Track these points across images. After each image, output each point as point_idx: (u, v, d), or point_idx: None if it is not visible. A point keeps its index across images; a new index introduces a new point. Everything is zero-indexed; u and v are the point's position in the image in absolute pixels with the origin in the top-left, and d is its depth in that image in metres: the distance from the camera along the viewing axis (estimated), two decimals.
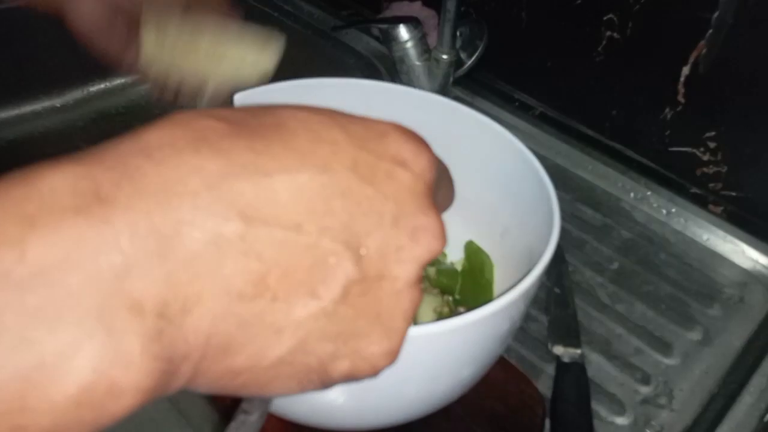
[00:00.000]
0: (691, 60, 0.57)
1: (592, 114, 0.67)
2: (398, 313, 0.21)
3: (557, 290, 0.52)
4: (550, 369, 0.48)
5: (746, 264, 0.57)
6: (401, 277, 0.20)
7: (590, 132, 0.67)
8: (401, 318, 0.21)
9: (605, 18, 0.61)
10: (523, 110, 0.71)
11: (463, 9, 0.67)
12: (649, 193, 0.62)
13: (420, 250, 0.20)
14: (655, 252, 0.58)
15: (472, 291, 0.46)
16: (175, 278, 0.16)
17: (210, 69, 0.46)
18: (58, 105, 0.74)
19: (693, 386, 0.48)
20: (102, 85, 0.76)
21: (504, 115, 0.70)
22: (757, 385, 0.47)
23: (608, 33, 0.61)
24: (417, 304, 0.21)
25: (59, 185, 0.16)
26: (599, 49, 0.63)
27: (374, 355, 0.21)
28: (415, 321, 0.44)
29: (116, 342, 0.15)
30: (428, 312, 0.45)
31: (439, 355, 0.32)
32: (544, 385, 0.46)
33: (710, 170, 0.60)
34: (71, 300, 0.15)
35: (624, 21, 0.60)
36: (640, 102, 0.63)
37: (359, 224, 0.19)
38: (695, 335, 0.52)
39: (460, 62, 0.68)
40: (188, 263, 0.16)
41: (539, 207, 0.38)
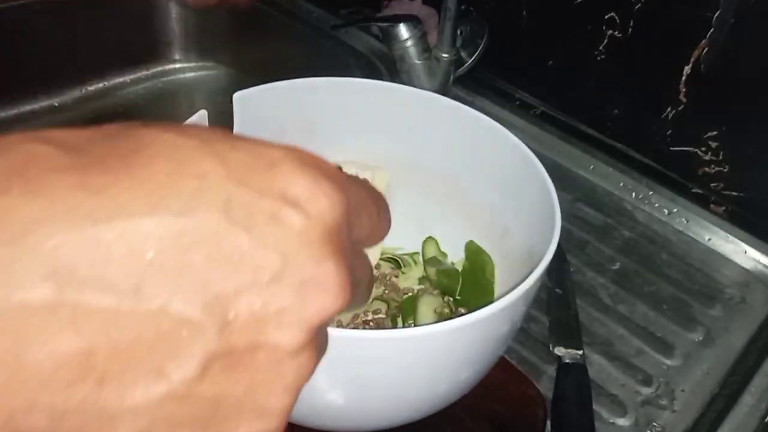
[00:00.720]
0: (693, 59, 0.57)
1: (594, 113, 0.67)
2: (277, 389, 0.17)
3: (558, 291, 0.52)
4: (551, 370, 0.48)
5: (748, 264, 0.57)
6: (282, 345, 0.16)
7: (591, 131, 0.67)
8: (281, 393, 0.17)
9: (606, 17, 0.61)
10: (524, 109, 0.70)
11: (464, 7, 0.67)
12: (651, 193, 0.62)
13: (309, 311, 0.16)
14: (657, 252, 0.58)
15: (473, 291, 0.46)
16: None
17: None
18: (56, 104, 0.74)
19: (694, 387, 0.48)
20: (100, 85, 0.76)
21: (505, 114, 0.70)
22: (759, 386, 0.47)
23: (609, 32, 0.61)
24: (305, 375, 0.17)
25: None
26: (600, 48, 0.62)
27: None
28: (415, 321, 0.44)
29: None
30: (428, 312, 0.45)
31: (440, 356, 0.32)
32: (545, 386, 0.46)
33: (712, 170, 0.60)
34: None
35: (625, 20, 0.60)
36: (642, 101, 0.62)
37: (227, 282, 0.15)
38: (697, 336, 0.51)
39: (461, 61, 0.68)
40: None
41: (540, 207, 0.38)
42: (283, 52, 0.79)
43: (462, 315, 0.30)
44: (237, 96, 0.41)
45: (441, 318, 0.45)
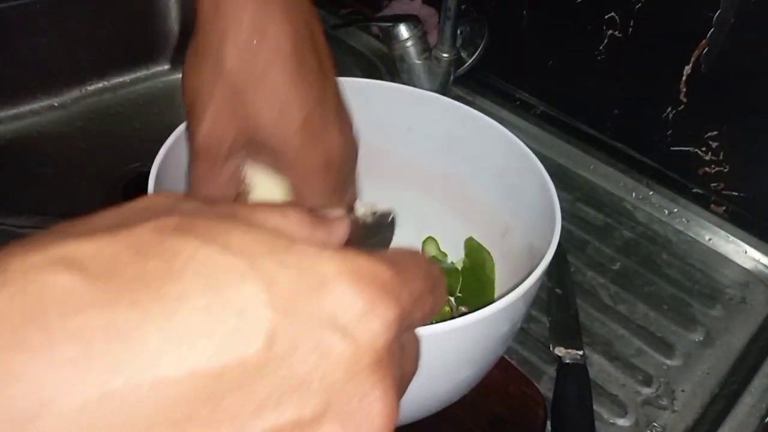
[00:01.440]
0: (693, 59, 0.57)
1: (594, 113, 0.67)
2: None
3: (558, 291, 0.52)
4: (552, 370, 0.48)
5: (748, 264, 0.57)
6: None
7: (592, 131, 0.67)
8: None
9: (607, 16, 0.61)
10: (524, 109, 0.70)
11: (464, 7, 0.67)
12: (651, 193, 0.62)
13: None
14: (657, 252, 0.58)
15: (474, 288, 0.46)
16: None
17: None
18: (56, 104, 0.74)
19: (695, 387, 0.48)
20: (100, 84, 0.76)
21: (505, 114, 0.70)
22: (759, 386, 0.47)
23: (610, 32, 0.61)
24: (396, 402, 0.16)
25: None
26: (601, 48, 0.62)
27: None
28: None
29: None
30: None
31: (440, 356, 0.32)
32: (546, 387, 0.46)
33: (712, 170, 0.60)
34: None
35: (626, 19, 0.60)
36: (642, 101, 0.62)
37: (266, 424, 0.14)
38: (697, 336, 0.51)
39: (461, 61, 0.68)
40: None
41: (540, 207, 0.38)
42: None
43: (463, 314, 0.30)
44: None
45: (441, 317, 0.45)
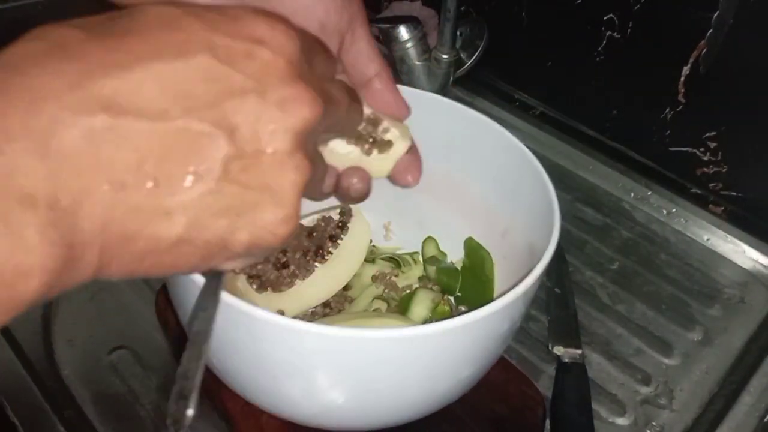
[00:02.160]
0: (692, 60, 0.57)
1: (593, 114, 0.67)
2: (286, 183, 0.22)
3: (558, 290, 0.52)
4: (551, 369, 0.48)
5: (747, 264, 0.57)
6: (279, 149, 0.21)
7: (591, 132, 0.67)
8: (290, 187, 0.22)
9: (606, 18, 0.61)
10: (524, 110, 0.71)
11: (464, 9, 0.67)
12: (650, 193, 0.62)
13: (291, 120, 0.21)
14: (656, 252, 0.58)
15: (473, 288, 0.46)
16: (58, 173, 0.18)
17: None
18: None
19: (693, 386, 0.48)
20: None
21: (504, 115, 0.70)
22: (758, 386, 0.47)
23: (608, 33, 0.61)
24: (305, 175, 0.22)
25: None
26: (600, 49, 0.63)
27: (271, 223, 0.22)
28: (410, 313, 0.44)
29: (13, 231, 0.17)
30: (424, 303, 0.45)
31: (440, 355, 0.32)
32: (545, 386, 0.46)
33: (710, 170, 0.60)
34: None
35: (624, 21, 0.60)
36: (641, 102, 0.63)
37: (224, 103, 0.20)
38: (696, 335, 0.51)
39: (461, 62, 0.68)
40: (67, 159, 0.18)
41: (540, 207, 0.38)
42: None
43: (462, 313, 0.30)
44: None
45: (436, 309, 0.45)
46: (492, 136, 0.42)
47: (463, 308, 0.46)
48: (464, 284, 0.47)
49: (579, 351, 0.47)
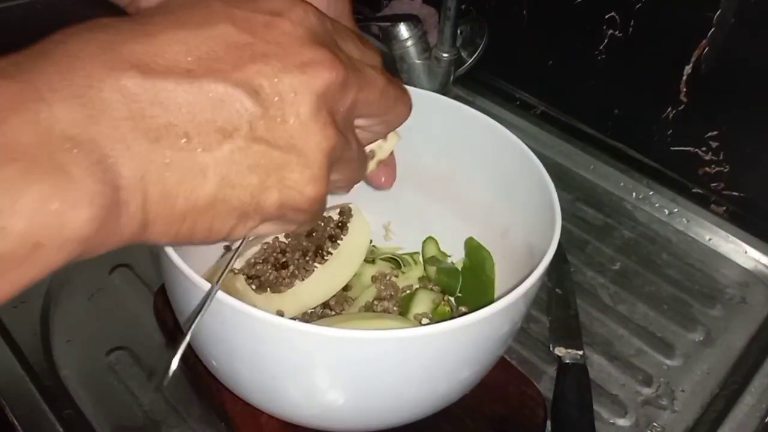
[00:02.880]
0: (693, 59, 0.57)
1: (594, 113, 0.67)
2: (312, 145, 0.23)
3: (558, 291, 0.52)
4: (552, 370, 0.48)
5: (748, 264, 0.57)
6: (303, 107, 0.22)
7: (592, 131, 0.67)
8: (315, 148, 0.23)
9: (607, 16, 0.61)
10: (524, 109, 0.70)
11: (464, 7, 0.67)
12: (651, 193, 0.62)
13: (313, 81, 0.22)
14: (657, 252, 0.58)
15: (474, 288, 0.46)
16: (97, 123, 0.19)
17: None
18: None
19: (694, 387, 0.48)
20: None
21: (505, 114, 0.70)
22: (759, 386, 0.47)
23: (610, 31, 0.61)
24: (331, 139, 0.23)
25: None
26: (601, 48, 0.62)
27: (299, 182, 0.23)
28: (410, 312, 0.44)
29: (59, 167, 0.18)
30: (426, 304, 0.45)
31: (440, 356, 0.32)
32: (546, 387, 0.46)
33: (712, 170, 0.60)
34: (13, 143, 0.18)
35: (626, 19, 0.60)
36: (642, 101, 0.62)
37: (247, 66, 0.22)
38: (697, 336, 0.51)
39: (461, 61, 0.68)
40: (104, 111, 0.19)
41: (540, 207, 0.38)
42: None
43: (463, 314, 0.30)
44: None
45: (437, 309, 0.45)
46: (492, 136, 0.42)
47: (464, 309, 0.46)
48: (465, 285, 0.47)
49: (580, 352, 0.47)
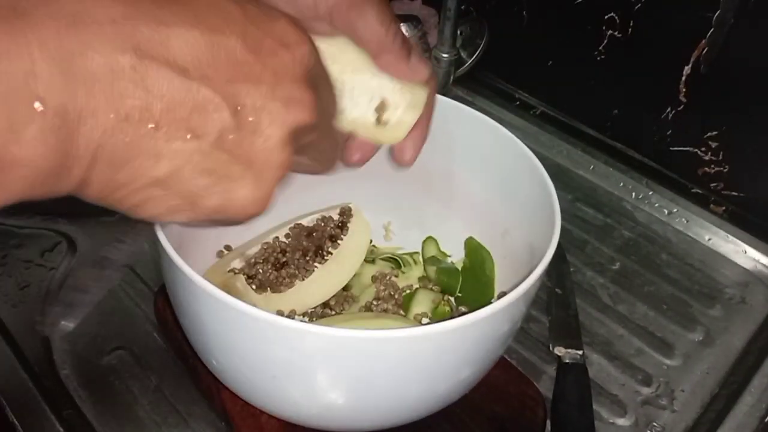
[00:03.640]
0: (693, 59, 0.57)
1: (594, 113, 0.67)
2: (269, 167, 0.24)
3: (558, 291, 0.52)
4: (551, 370, 0.48)
5: (748, 264, 0.57)
6: (273, 136, 0.24)
7: (591, 131, 0.67)
8: (272, 172, 0.24)
9: (606, 17, 0.61)
10: (524, 109, 0.70)
11: (464, 7, 0.67)
12: (651, 193, 0.62)
13: (291, 117, 0.24)
14: (657, 252, 0.58)
15: (473, 288, 0.46)
16: (74, 90, 0.19)
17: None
18: None
19: (694, 387, 0.48)
20: None
21: (505, 115, 0.70)
22: (759, 386, 0.47)
23: (609, 32, 0.61)
24: (286, 166, 0.24)
25: None
26: (600, 48, 0.62)
27: (243, 198, 0.24)
28: (408, 311, 0.44)
29: (16, 125, 0.19)
30: (426, 304, 0.45)
31: (440, 356, 0.32)
32: (545, 386, 0.46)
33: (712, 170, 0.60)
34: None
35: (625, 20, 0.60)
36: (642, 101, 0.62)
37: (239, 84, 0.22)
38: (696, 336, 0.51)
39: (461, 61, 0.68)
40: (86, 80, 0.20)
41: (540, 207, 0.38)
42: None
43: (463, 314, 0.30)
44: None
45: (437, 309, 0.45)
46: (492, 136, 0.42)
47: (464, 309, 0.46)
48: (465, 284, 0.47)
49: (580, 351, 0.47)
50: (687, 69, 0.58)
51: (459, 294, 0.47)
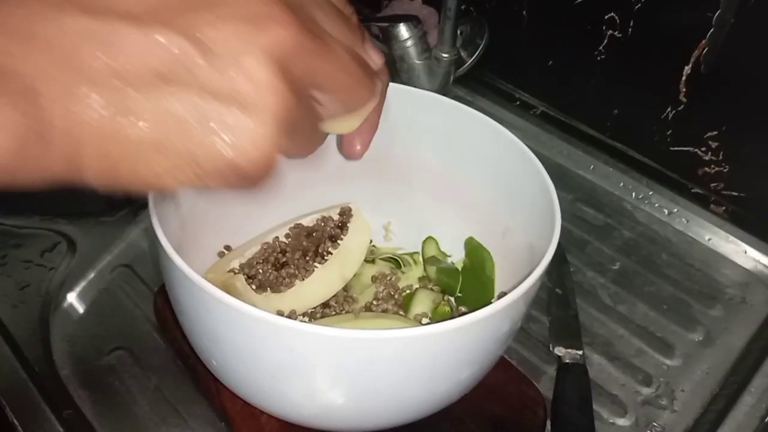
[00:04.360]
0: (693, 59, 0.57)
1: (594, 113, 0.67)
2: (262, 99, 0.21)
3: (558, 291, 0.52)
4: (552, 370, 0.48)
5: (748, 264, 0.57)
6: (248, 63, 0.21)
7: (591, 131, 0.67)
8: (266, 104, 0.21)
9: (607, 16, 0.61)
10: (524, 109, 0.70)
11: (464, 7, 0.67)
12: (651, 193, 0.62)
13: (261, 36, 0.21)
14: (657, 252, 0.58)
15: (474, 288, 0.46)
16: (28, 56, 0.19)
17: None
18: None
19: (694, 387, 0.48)
20: None
21: (505, 115, 0.70)
22: (759, 386, 0.47)
23: (610, 32, 0.61)
24: (281, 97, 0.21)
25: None
26: (601, 48, 0.62)
27: (240, 139, 0.21)
28: (408, 311, 0.44)
29: None
30: (426, 304, 0.45)
31: (440, 356, 0.32)
32: (546, 387, 0.46)
33: (712, 170, 0.60)
34: None
35: (625, 20, 0.60)
36: (642, 101, 0.62)
37: (192, 12, 0.21)
38: (697, 336, 0.51)
39: (461, 61, 0.68)
40: (38, 46, 0.19)
41: (540, 207, 0.38)
42: None
43: (463, 314, 0.30)
44: None
45: (437, 309, 0.45)
46: (492, 136, 0.42)
47: (464, 309, 0.46)
48: (465, 285, 0.47)
49: (580, 351, 0.47)
50: (687, 69, 0.58)
51: (459, 294, 0.47)
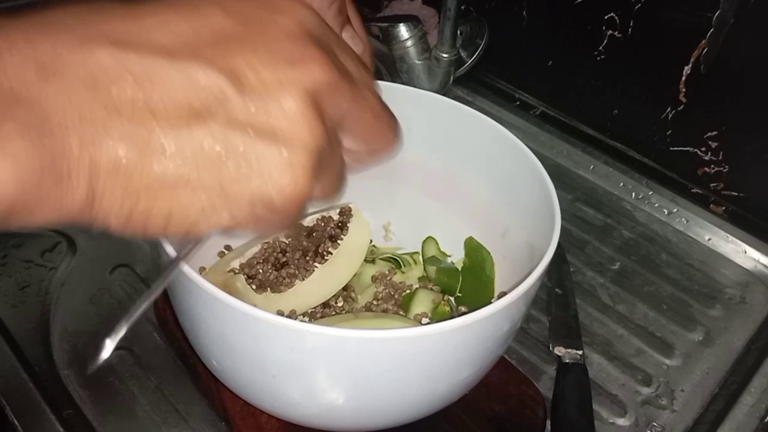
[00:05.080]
0: (693, 59, 0.57)
1: (594, 113, 0.67)
2: (296, 140, 0.21)
3: (558, 291, 0.52)
4: (551, 370, 0.48)
5: (748, 264, 0.57)
6: (288, 103, 0.21)
7: (591, 131, 0.67)
8: (300, 144, 0.21)
9: (606, 17, 0.61)
10: (524, 109, 0.70)
11: (464, 7, 0.67)
12: (651, 193, 0.62)
13: (303, 77, 0.21)
14: (657, 252, 0.58)
15: (473, 288, 0.46)
16: (49, 87, 0.18)
17: None
18: None
19: (694, 387, 0.48)
20: None
21: (505, 115, 0.70)
22: (759, 386, 0.47)
23: (609, 32, 0.61)
24: (318, 138, 0.21)
25: None
26: (600, 48, 0.62)
27: (277, 178, 0.21)
28: (408, 311, 0.44)
29: None
30: (426, 304, 0.45)
31: (440, 355, 0.32)
32: (545, 386, 0.46)
33: (712, 170, 0.60)
34: None
35: (625, 20, 0.60)
36: (642, 101, 0.62)
37: (233, 55, 0.20)
38: (696, 336, 0.51)
39: (461, 61, 0.68)
40: (63, 77, 0.19)
41: (540, 207, 0.38)
42: None
43: (463, 314, 0.30)
44: None
45: (437, 309, 0.45)
46: (492, 136, 0.42)
47: (464, 308, 0.46)
48: (465, 285, 0.47)
49: (580, 351, 0.47)
50: (687, 69, 0.58)
51: (459, 294, 0.47)
